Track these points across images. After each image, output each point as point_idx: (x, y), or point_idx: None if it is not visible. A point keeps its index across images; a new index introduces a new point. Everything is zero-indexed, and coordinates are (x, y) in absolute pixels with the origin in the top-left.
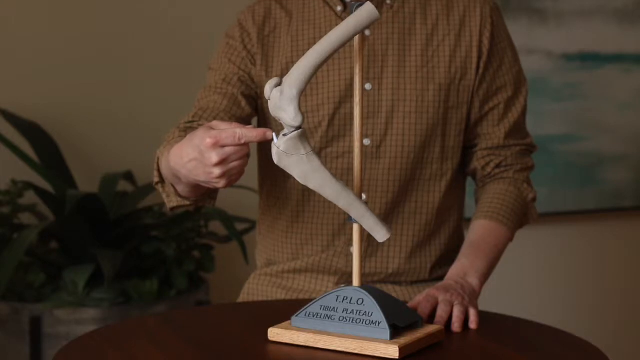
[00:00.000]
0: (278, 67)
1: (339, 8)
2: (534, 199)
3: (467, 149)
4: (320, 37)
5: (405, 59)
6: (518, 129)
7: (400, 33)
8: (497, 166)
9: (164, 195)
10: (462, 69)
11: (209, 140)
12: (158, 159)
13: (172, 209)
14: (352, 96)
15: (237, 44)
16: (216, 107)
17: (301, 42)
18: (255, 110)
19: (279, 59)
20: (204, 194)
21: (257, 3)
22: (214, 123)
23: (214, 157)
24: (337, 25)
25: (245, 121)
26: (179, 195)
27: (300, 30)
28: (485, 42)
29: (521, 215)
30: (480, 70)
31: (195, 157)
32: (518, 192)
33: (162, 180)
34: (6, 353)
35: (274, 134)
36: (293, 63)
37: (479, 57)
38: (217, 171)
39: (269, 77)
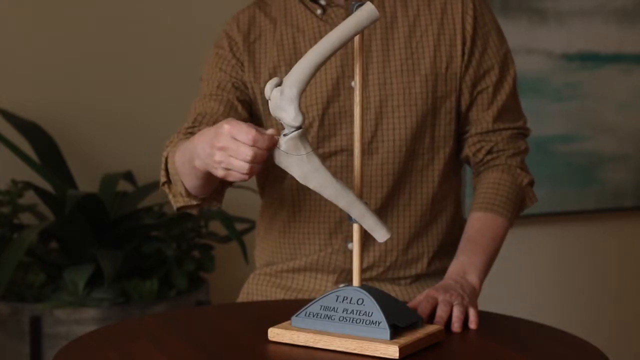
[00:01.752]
0: (266, 73)
1: (319, 11)
2: (530, 183)
3: (460, 136)
4: (304, 41)
5: (389, 52)
6: (507, 112)
7: (382, 27)
8: (489, 152)
9: (170, 196)
10: (447, 57)
11: (225, 125)
12: (166, 159)
13: (179, 209)
14: (339, 95)
15: (226, 52)
16: (214, 112)
17: (286, 47)
18: (250, 115)
19: (266, 64)
20: (211, 192)
21: (241, 12)
22: (248, 124)
23: (221, 141)
24: (319, 27)
25: None
26: (187, 195)
27: (284, 35)
28: (468, 27)
29: (518, 202)
30: (466, 57)
31: (211, 137)
32: (512, 179)
33: (169, 181)
34: (6, 353)
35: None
36: (280, 67)
37: (463, 44)
38: (217, 155)
39: (257, 84)
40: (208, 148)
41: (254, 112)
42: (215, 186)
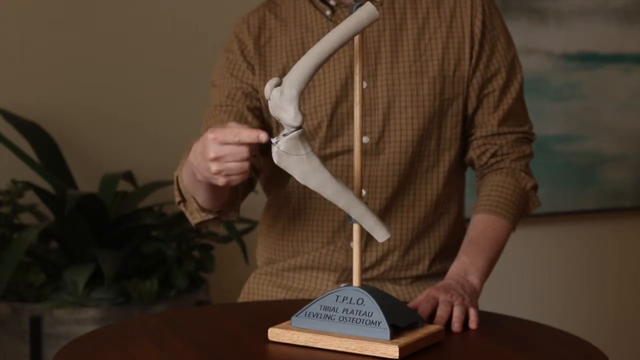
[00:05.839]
0: (276, 75)
1: (328, 12)
2: (533, 187)
3: (466, 139)
4: (313, 42)
5: (398, 54)
6: (513, 116)
7: (391, 29)
8: (493, 155)
9: (188, 214)
10: (455, 60)
11: (210, 136)
12: (177, 178)
13: (197, 225)
14: (348, 95)
15: (236, 57)
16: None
17: (295, 48)
18: (262, 122)
19: (276, 66)
20: (225, 203)
21: (250, 14)
22: (229, 123)
23: (211, 152)
24: (328, 28)
25: None
26: (202, 210)
27: (294, 36)
28: (477, 31)
29: (521, 205)
30: (473, 60)
31: (201, 150)
32: (516, 182)
33: (183, 200)
34: (6, 353)
35: (271, 138)
36: (289, 69)
37: (472, 47)
38: (213, 167)
39: None
40: (203, 162)
41: (265, 118)
42: (227, 197)
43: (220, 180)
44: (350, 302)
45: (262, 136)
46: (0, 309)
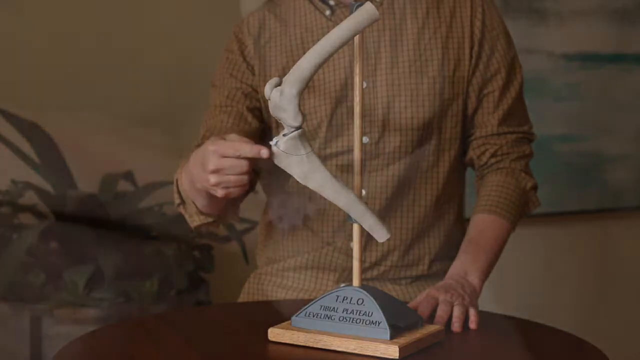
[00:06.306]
0: (276, 75)
1: (327, 12)
2: (533, 187)
3: (466, 139)
4: (312, 42)
5: (398, 54)
6: (513, 116)
7: (391, 29)
8: (493, 155)
9: (187, 216)
10: (455, 60)
11: (210, 148)
12: (177, 180)
13: (196, 228)
14: (348, 95)
15: (236, 57)
16: (223, 126)
17: (294, 48)
18: (262, 122)
19: (276, 66)
20: (224, 208)
21: (250, 15)
22: (230, 135)
23: (211, 164)
24: (328, 28)
25: (255, 135)
26: (201, 213)
27: (293, 36)
28: (477, 31)
29: (521, 205)
30: (473, 60)
31: (200, 161)
32: (516, 182)
33: (183, 202)
34: (6, 353)
35: (271, 143)
36: (289, 69)
37: (471, 47)
38: (212, 179)
39: None
40: (202, 173)
41: (265, 119)
42: (225, 203)
43: (219, 192)
44: (350, 302)
45: (264, 152)
46: (0, 309)
